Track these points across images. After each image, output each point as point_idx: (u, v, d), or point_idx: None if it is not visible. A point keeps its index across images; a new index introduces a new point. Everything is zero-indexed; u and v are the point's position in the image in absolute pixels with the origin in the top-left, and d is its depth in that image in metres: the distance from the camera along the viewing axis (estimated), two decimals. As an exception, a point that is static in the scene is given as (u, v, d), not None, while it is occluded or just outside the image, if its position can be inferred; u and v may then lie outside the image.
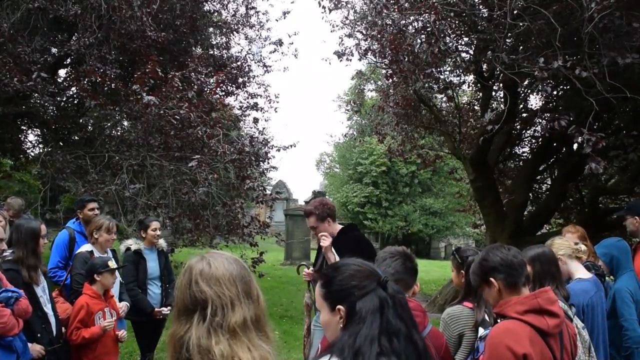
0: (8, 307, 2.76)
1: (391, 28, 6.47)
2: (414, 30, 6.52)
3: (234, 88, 10.09)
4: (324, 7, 8.35)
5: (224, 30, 10.21)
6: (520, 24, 5.17)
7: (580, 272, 3.14)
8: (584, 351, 2.57)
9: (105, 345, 3.49)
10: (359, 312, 1.41)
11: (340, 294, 1.49)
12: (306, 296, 4.04)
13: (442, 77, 6.99)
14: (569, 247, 3.18)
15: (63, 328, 3.43)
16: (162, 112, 6.48)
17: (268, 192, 14.97)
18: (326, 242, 3.66)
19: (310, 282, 4.00)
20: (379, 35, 7.01)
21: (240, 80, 10.04)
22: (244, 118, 11.24)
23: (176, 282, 1.48)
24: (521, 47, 6.00)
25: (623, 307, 3.27)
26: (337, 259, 3.60)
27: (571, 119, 5.83)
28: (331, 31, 15.27)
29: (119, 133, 8.72)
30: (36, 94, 6.90)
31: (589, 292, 2.99)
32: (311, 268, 4.05)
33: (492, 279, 2.04)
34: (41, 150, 8.56)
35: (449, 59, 6.90)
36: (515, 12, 5.10)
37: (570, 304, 2.79)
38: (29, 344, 3.04)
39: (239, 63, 10.05)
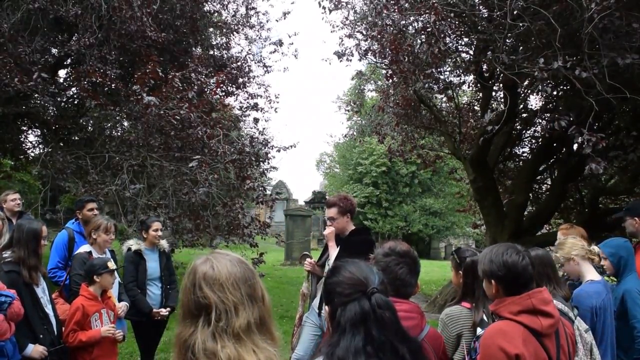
0: (1, 312, 2.73)
1: (391, 28, 6.48)
2: (414, 31, 6.53)
3: (234, 88, 10.10)
4: (324, 8, 8.36)
5: (224, 30, 10.23)
6: (520, 25, 5.17)
7: (591, 273, 3.11)
8: (585, 353, 2.56)
9: (103, 347, 3.45)
10: (338, 319, 1.41)
11: (327, 295, 1.53)
12: (304, 286, 4.07)
13: (442, 77, 6.99)
14: (582, 248, 3.13)
15: (63, 329, 3.43)
16: (162, 112, 6.49)
17: (268, 192, 14.99)
18: (329, 230, 3.93)
19: (309, 273, 4.04)
20: (379, 36, 7.01)
21: (240, 80, 10.05)
22: (244, 118, 11.25)
23: (180, 283, 1.49)
24: (521, 48, 6.00)
25: (635, 309, 3.18)
26: (336, 249, 3.82)
27: (571, 119, 5.82)
28: (331, 31, 15.37)
29: (119, 133, 8.72)
30: (36, 94, 6.90)
31: (601, 294, 2.97)
32: (314, 259, 4.08)
33: (493, 280, 2.04)
34: (41, 151, 8.56)
35: (449, 59, 6.90)
36: (515, 12, 5.09)
37: (574, 306, 2.76)
38: (31, 345, 3.05)
39: (239, 63, 10.06)
